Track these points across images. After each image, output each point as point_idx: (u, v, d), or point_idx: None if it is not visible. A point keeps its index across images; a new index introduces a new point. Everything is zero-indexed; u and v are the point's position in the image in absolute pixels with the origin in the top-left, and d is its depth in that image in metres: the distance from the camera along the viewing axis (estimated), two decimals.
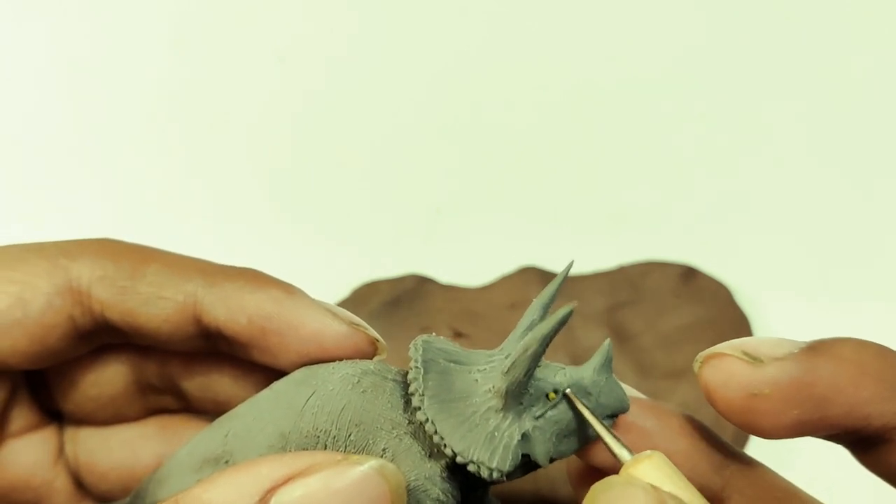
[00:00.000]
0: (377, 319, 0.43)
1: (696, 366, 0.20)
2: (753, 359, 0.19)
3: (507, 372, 0.19)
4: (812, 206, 0.48)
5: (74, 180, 0.50)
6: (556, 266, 0.45)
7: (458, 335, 0.42)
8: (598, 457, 0.21)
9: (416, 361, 0.20)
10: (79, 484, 0.26)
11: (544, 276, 0.44)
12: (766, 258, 0.46)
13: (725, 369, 0.19)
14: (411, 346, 0.21)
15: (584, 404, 0.20)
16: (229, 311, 0.22)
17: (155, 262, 0.23)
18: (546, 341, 0.19)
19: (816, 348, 0.19)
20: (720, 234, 0.47)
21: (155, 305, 0.23)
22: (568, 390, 0.20)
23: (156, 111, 0.52)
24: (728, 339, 0.20)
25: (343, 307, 0.23)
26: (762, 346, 0.19)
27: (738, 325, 0.43)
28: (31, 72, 0.52)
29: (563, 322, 0.19)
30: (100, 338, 0.24)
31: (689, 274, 0.45)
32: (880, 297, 0.43)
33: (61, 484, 0.26)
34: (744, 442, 0.39)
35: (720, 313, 0.43)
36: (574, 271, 0.44)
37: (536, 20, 0.52)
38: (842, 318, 0.43)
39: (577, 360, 0.40)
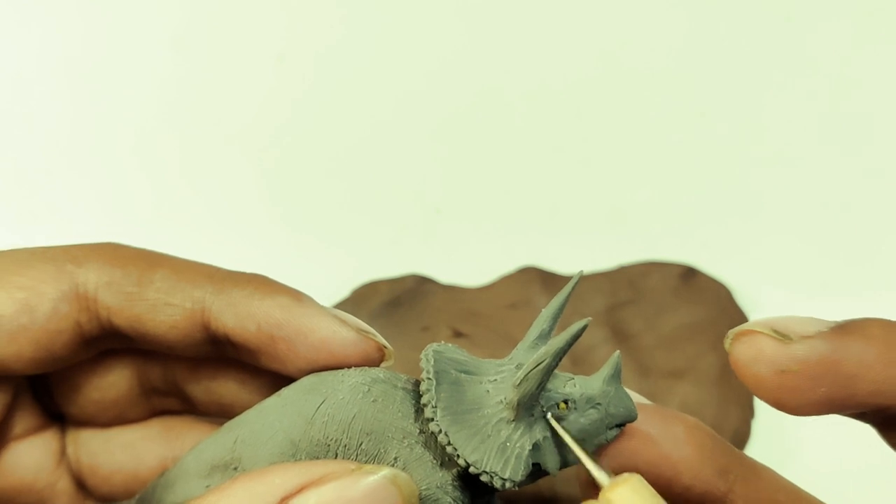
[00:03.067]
0: (377, 319, 0.43)
1: (726, 342, 0.20)
2: (783, 336, 0.19)
3: (518, 385, 0.20)
4: (812, 206, 0.48)
5: (74, 181, 0.50)
6: (555, 266, 0.45)
7: (458, 335, 0.42)
8: (605, 465, 0.21)
9: (427, 373, 0.20)
10: (81, 486, 0.26)
11: (544, 276, 0.44)
12: (766, 258, 0.46)
13: (755, 346, 0.19)
14: (422, 356, 0.21)
15: (564, 428, 0.20)
16: (238, 318, 0.22)
17: (162, 267, 0.23)
18: (559, 356, 0.19)
19: (845, 327, 0.19)
20: (720, 234, 0.47)
21: (163, 312, 0.22)
22: (549, 416, 0.20)
23: (155, 111, 0.52)
24: None
25: (343, 307, 0.23)
26: (792, 323, 0.19)
27: (738, 325, 0.43)
28: (31, 72, 0.52)
29: (576, 337, 0.19)
30: (105, 343, 0.24)
31: (689, 274, 0.45)
32: (881, 297, 0.43)
33: (64, 486, 0.26)
34: (743, 442, 0.39)
35: (720, 313, 0.43)
36: (574, 272, 0.44)
37: (535, 19, 0.52)
38: (842, 317, 0.43)
39: (578, 360, 0.40)
